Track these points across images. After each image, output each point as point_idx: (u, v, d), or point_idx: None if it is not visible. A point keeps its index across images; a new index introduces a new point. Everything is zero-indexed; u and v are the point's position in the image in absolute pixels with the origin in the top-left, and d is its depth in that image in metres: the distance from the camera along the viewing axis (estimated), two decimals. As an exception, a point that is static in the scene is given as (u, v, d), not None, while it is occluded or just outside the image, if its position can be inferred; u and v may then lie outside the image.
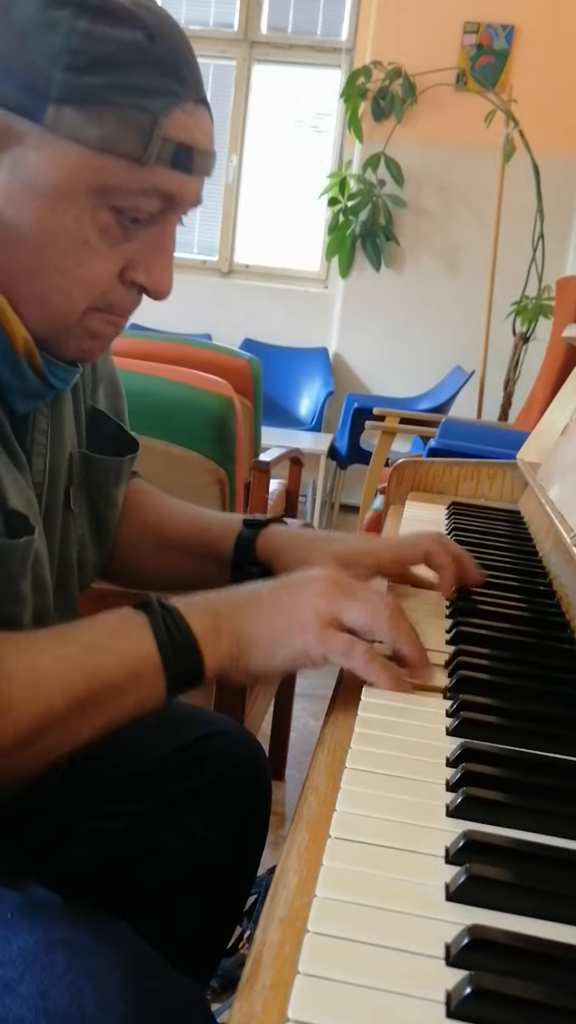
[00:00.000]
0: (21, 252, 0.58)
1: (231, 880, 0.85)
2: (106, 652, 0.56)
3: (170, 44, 0.57)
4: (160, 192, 0.59)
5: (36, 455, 0.67)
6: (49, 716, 0.54)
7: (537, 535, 1.06)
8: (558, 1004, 0.33)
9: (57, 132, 0.55)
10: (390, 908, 0.38)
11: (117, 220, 0.59)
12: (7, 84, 0.54)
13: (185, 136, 0.58)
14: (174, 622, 0.58)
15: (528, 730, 0.55)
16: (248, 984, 0.34)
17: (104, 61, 0.55)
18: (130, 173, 0.57)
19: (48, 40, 0.54)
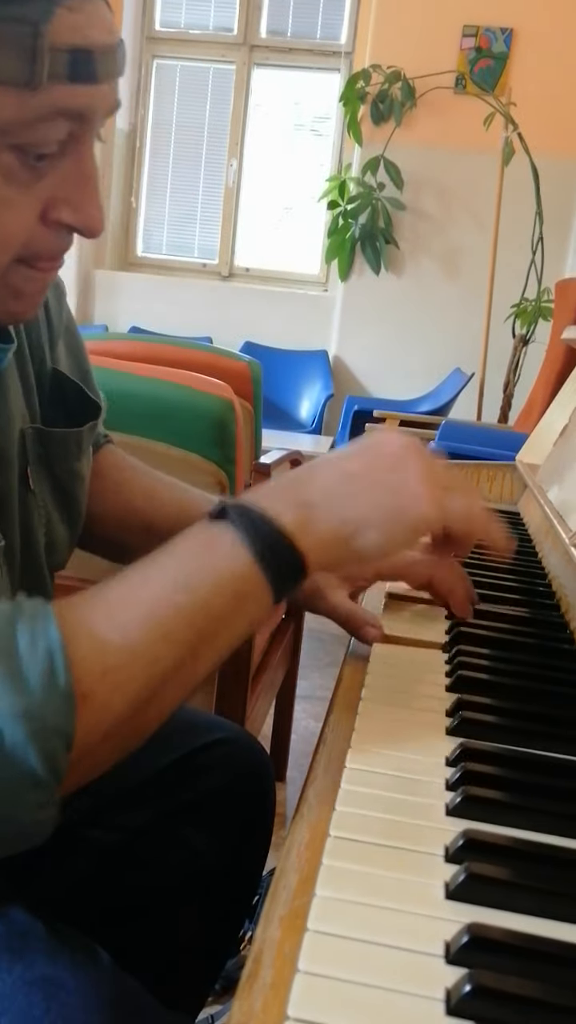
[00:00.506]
0: None
1: (232, 890, 0.84)
2: (202, 584, 0.49)
3: None
4: (63, 113, 0.49)
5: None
6: (157, 669, 0.47)
7: (536, 536, 1.06)
8: (557, 1002, 0.33)
9: None
10: (390, 906, 0.38)
11: (21, 159, 0.49)
12: None
13: (77, 38, 0.48)
14: (263, 524, 0.51)
15: (527, 730, 0.55)
16: (248, 982, 0.34)
17: None
18: (22, 101, 0.47)
19: None
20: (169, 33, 4.53)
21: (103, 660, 0.46)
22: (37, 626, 0.44)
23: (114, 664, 0.46)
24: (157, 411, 1.35)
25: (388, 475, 0.56)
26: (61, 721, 0.43)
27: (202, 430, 1.38)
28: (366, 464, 0.56)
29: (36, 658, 0.43)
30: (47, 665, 0.43)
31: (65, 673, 0.43)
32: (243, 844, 0.84)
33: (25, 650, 0.43)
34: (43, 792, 0.44)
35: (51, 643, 0.44)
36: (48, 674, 0.43)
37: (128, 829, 0.80)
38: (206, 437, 1.38)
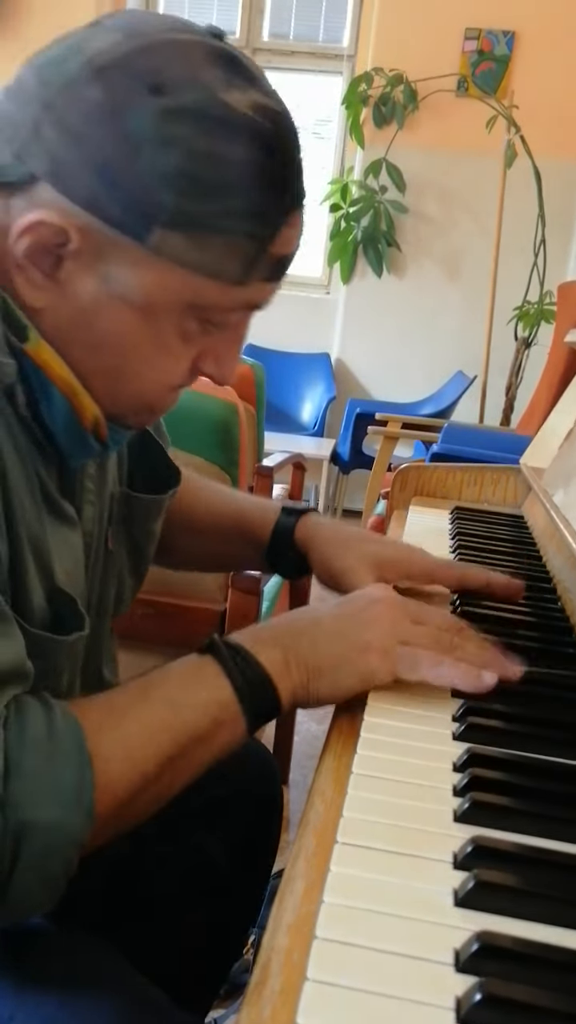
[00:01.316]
0: (100, 355, 0.57)
1: (241, 894, 0.84)
2: (188, 706, 0.55)
3: (286, 152, 0.54)
4: (250, 304, 0.58)
5: (86, 503, 0.66)
6: (144, 781, 0.53)
7: (541, 540, 1.06)
8: (569, 1011, 0.33)
9: (159, 254, 0.53)
10: (398, 914, 0.38)
11: (200, 327, 0.58)
12: (112, 199, 0.51)
13: (285, 249, 0.57)
14: (245, 662, 0.57)
15: (534, 735, 0.55)
16: (256, 990, 0.34)
17: (219, 186, 0.51)
18: (225, 292, 0.55)
19: (163, 159, 0.50)
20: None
21: (108, 772, 0.51)
22: (72, 744, 0.50)
23: (115, 775, 0.51)
24: (160, 414, 1.34)
25: (354, 629, 0.60)
26: (80, 834, 0.49)
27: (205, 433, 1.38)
28: (339, 618, 0.61)
29: (70, 774, 0.48)
30: (77, 783, 0.49)
31: (91, 793, 0.49)
32: (252, 849, 0.84)
33: (61, 765, 0.49)
34: (54, 890, 0.49)
35: (83, 763, 0.49)
36: (77, 791, 0.48)
37: (139, 835, 0.80)
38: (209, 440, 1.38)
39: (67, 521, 0.62)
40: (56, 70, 0.52)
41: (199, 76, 0.52)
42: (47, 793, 0.47)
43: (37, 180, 0.52)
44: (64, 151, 0.51)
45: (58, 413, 0.58)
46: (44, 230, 0.52)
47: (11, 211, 0.54)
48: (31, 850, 0.47)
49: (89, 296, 0.55)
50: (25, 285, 0.55)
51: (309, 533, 0.82)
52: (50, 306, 0.55)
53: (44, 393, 0.57)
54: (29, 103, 0.52)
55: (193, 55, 0.52)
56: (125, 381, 0.59)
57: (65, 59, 0.52)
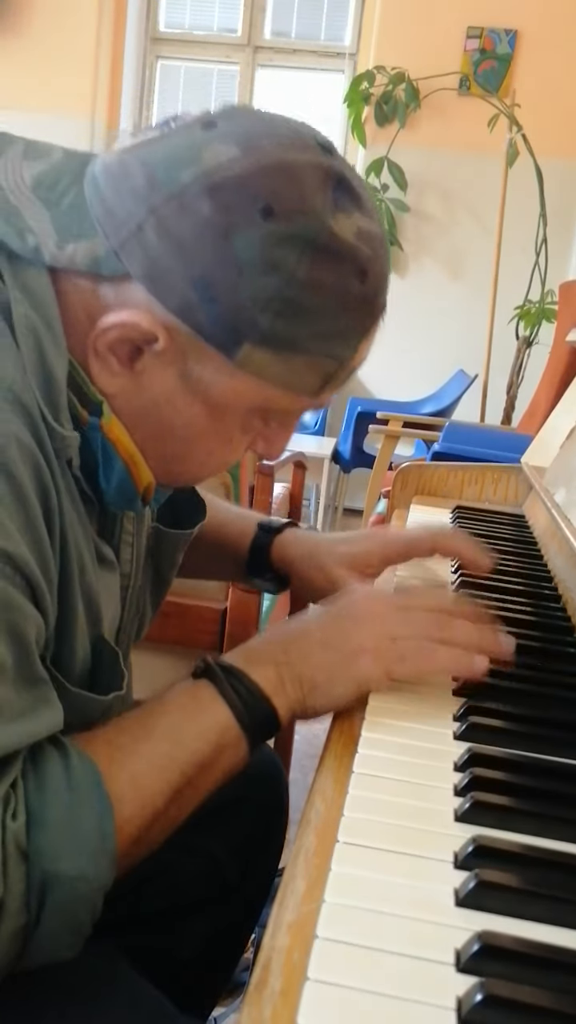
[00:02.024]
0: (165, 442, 0.58)
1: (244, 898, 0.84)
2: (190, 736, 0.55)
3: (378, 277, 0.55)
4: (315, 407, 0.60)
5: (124, 545, 0.66)
6: (154, 816, 0.53)
7: (542, 539, 1.06)
8: (570, 1011, 0.33)
9: (243, 367, 0.54)
10: (399, 914, 0.38)
11: (264, 423, 0.60)
12: (206, 312, 0.51)
13: (358, 363, 0.58)
14: (240, 683, 0.57)
15: (535, 734, 0.55)
16: (257, 990, 0.34)
17: (313, 311, 0.52)
18: (298, 402, 0.57)
19: (264, 283, 0.51)
20: (173, 34, 4.53)
21: (122, 812, 0.51)
22: (91, 791, 0.49)
23: (128, 816, 0.51)
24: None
25: (341, 636, 0.60)
26: (105, 879, 0.49)
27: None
28: (326, 626, 0.61)
29: (93, 821, 0.49)
30: (99, 829, 0.49)
31: (113, 837, 0.49)
32: (256, 852, 0.84)
33: (84, 814, 0.49)
34: (80, 936, 0.49)
35: (104, 808, 0.49)
36: (101, 837, 0.49)
37: None
38: (210, 438, 1.37)
39: (107, 565, 0.63)
40: (166, 174, 0.51)
41: (309, 202, 0.52)
42: (71, 843, 0.47)
43: (130, 279, 0.53)
44: (164, 257, 0.51)
45: (115, 478, 0.59)
46: (133, 331, 0.53)
47: (99, 299, 0.54)
48: (56, 900, 0.47)
49: (164, 389, 0.56)
50: (101, 370, 0.55)
51: (284, 552, 0.83)
52: (122, 392, 0.56)
53: (106, 460, 0.58)
54: (135, 201, 0.52)
55: (306, 178, 0.52)
56: (184, 465, 0.61)
57: (178, 164, 0.51)
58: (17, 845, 0.46)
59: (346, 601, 0.64)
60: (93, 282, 0.54)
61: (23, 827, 0.46)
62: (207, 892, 0.79)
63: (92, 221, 0.53)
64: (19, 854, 0.46)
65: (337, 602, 0.64)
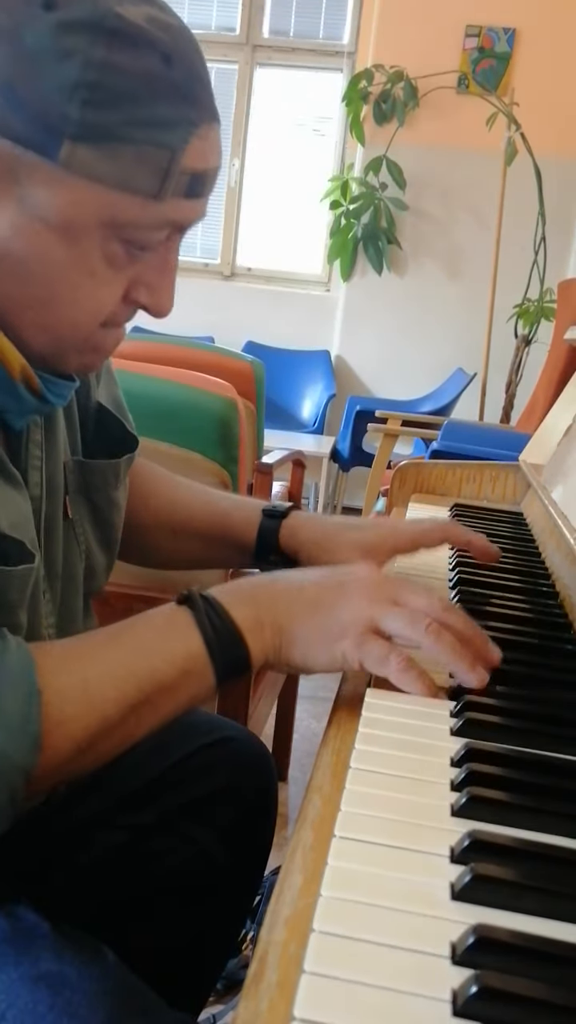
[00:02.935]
0: (26, 284, 0.57)
1: (237, 887, 0.85)
2: (155, 653, 0.56)
3: (186, 64, 0.55)
4: (172, 222, 0.58)
5: (32, 468, 0.66)
6: (104, 724, 0.53)
7: (540, 537, 1.06)
8: (564, 1003, 0.33)
9: (70, 170, 0.53)
10: (396, 907, 0.38)
11: (125, 250, 0.57)
12: (17, 116, 0.51)
13: (200, 163, 0.57)
14: (218, 616, 0.58)
15: (532, 730, 0.55)
16: (254, 983, 0.34)
17: (122, 95, 0.52)
18: (144, 208, 0.55)
19: (63, 71, 0.50)
20: (172, 33, 4.53)
21: (63, 710, 0.52)
22: (21, 674, 0.51)
23: (71, 714, 0.52)
24: (160, 411, 1.35)
25: (329, 604, 0.60)
26: (25, 761, 0.49)
27: (205, 429, 1.38)
28: (320, 587, 0.61)
29: (17, 702, 0.49)
30: (24, 711, 0.49)
31: (37, 721, 0.50)
32: (247, 841, 0.85)
33: (6, 693, 0.49)
34: (2, 817, 0.50)
35: (31, 692, 0.50)
36: (23, 718, 0.49)
37: (134, 828, 0.80)
38: (209, 436, 1.38)
39: (11, 481, 0.61)
40: None
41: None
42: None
43: None
44: None
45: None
46: None
47: None
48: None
49: (8, 222, 0.54)
50: None
51: (293, 536, 0.83)
52: None
53: None
54: None
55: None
56: (56, 310, 0.58)
57: None
58: None
59: (347, 572, 0.63)
60: None
61: None
62: (197, 881, 0.80)
63: None
64: None
65: (336, 571, 0.63)
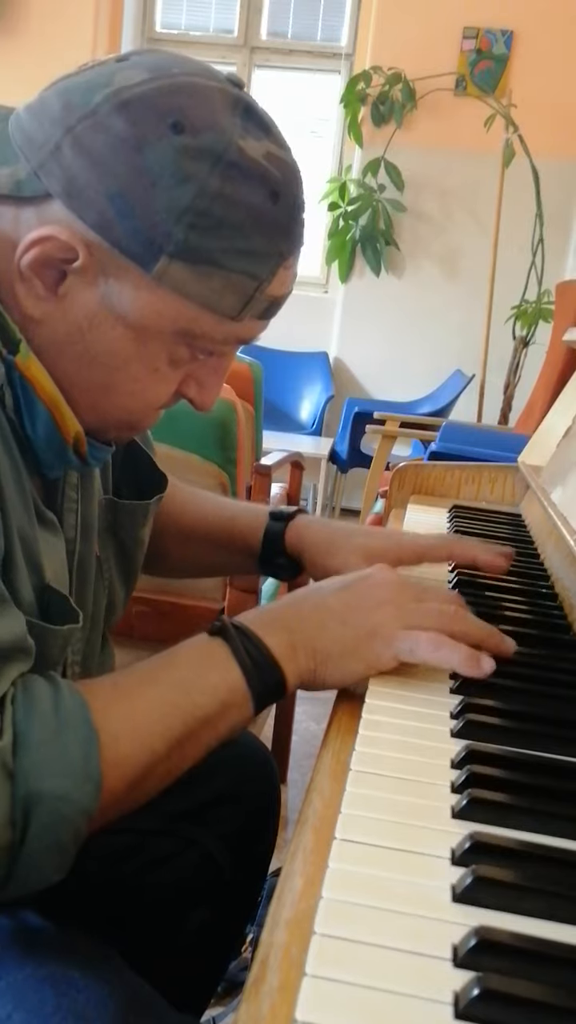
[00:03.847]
0: (91, 370, 0.59)
1: (239, 890, 0.85)
2: (197, 688, 0.57)
3: (290, 202, 0.57)
4: (240, 339, 0.61)
5: (67, 511, 0.67)
6: (153, 760, 0.54)
7: (539, 538, 1.06)
8: (566, 1005, 0.33)
9: (161, 282, 0.55)
10: (397, 910, 0.38)
11: (190, 354, 0.60)
12: (123, 225, 0.53)
13: (279, 290, 0.59)
14: (253, 646, 0.58)
15: (532, 732, 0.55)
16: (255, 986, 0.34)
17: (227, 224, 0.54)
18: (220, 326, 0.58)
19: (177, 194, 0.53)
20: (170, 35, 4.53)
21: (117, 750, 0.52)
22: (78, 717, 0.51)
23: (125, 754, 0.53)
24: (159, 412, 1.34)
25: (357, 613, 0.61)
26: (89, 804, 0.50)
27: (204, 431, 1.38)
28: (344, 600, 0.62)
29: (76, 747, 0.50)
30: (84, 754, 0.50)
31: (97, 765, 0.50)
32: (250, 843, 0.85)
33: (69, 738, 0.50)
34: (64, 859, 0.51)
35: (89, 735, 0.51)
36: (84, 763, 0.50)
37: (138, 831, 0.80)
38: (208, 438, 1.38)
39: (50, 527, 0.63)
40: (81, 97, 0.54)
41: (218, 120, 0.54)
42: (55, 764, 0.49)
43: (51, 198, 0.54)
44: (81, 173, 0.53)
45: (41, 426, 0.59)
46: (52, 245, 0.54)
47: (20, 225, 0.56)
48: (40, 820, 0.48)
49: (88, 312, 0.57)
50: (27, 296, 0.56)
51: (299, 538, 0.84)
52: (48, 318, 0.57)
53: (28, 406, 0.58)
54: (52, 125, 0.54)
55: (214, 100, 0.55)
56: (112, 397, 0.61)
57: (91, 89, 0.54)
58: (3, 764, 0.48)
59: (365, 581, 0.64)
60: (16, 206, 0.56)
61: (9, 746, 0.48)
62: (201, 884, 0.80)
63: (14, 149, 0.55)
64: (5, 772, 0.48)
65: (356, 580, 0.65)
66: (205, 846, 0.81)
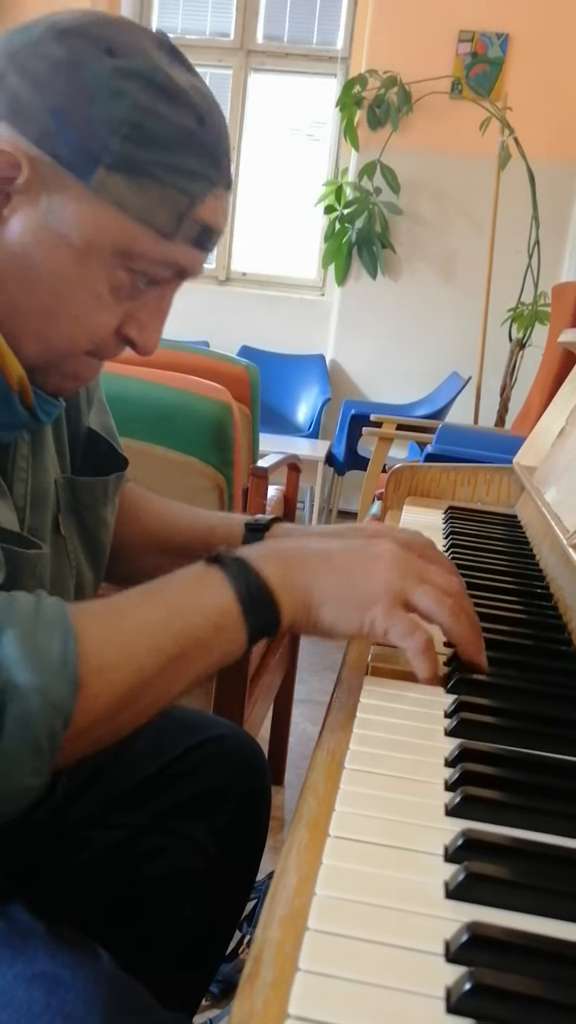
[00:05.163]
0: (36, 292, 0.60)
1: (231, 883, 0.85)
2: (189, 608, 0.57)
3: (216, 131, 0.61)
4: (176, 265, 0.62)
5: (17, 480, 0.68)
6: (141, 675, 0.53)
7: (534, 538, 1.07)
8: (556, 999, 0.33)
9: (100, 194, 0.58)
10: (390, 906, 0.39)
11: (130, 280, 0.62)
12: (63, 138, 0.56)
13: (210, 219, 0.62)
14: (250, 573, 0.58)
15: (526, 730, 0.56)
16: (249, 982, 0.34)
17: (158, 139, 0.58)
18: (156, 244, 0.60)
19: (112, 108, 0.56)
20: (166, 38, 4.54)
21: (101, 657, 0.52)
22: (56, 616, 0.51)
23: (110, 662, 0.52)
24: (155, 414, 1.35)
25: (361, 571, 0.61)
26: (65, 701, 0.49)
27: (200, 433, 1.38)
28: (349, 553, 0.62)
29: (53, 643, 0.50)
30: (61, 651, 0.50)
31: (74, 662, 0.50)
32: (241, 836, 0.85)
33: (44, 635, 0.50)
34: (39, 759, 0.49)
35: (66, 633, 0.51)
36: (61, 659, 0.50)
37: (129, 827, 0.81)
38: (204, 440, 1.38)
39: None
40: (22, 33, 0.59)
41: (147, 50, 0.59)
42: (31, 658, 0.49)
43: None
44: (24, 94, 0.57)
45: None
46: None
47: None
48: (13, 713, 0.48)
49: (31, 231, 0.59)
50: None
51: None
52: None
53: None
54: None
55: (143, 37, 0.60)
56: (56, 322, 0.62)
57: (31, 26, 0.59)
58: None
59: (373, 544, 0.64)
60: None
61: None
62: (193, 877, 0.80)
63: None
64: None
65: (362, 542, 0.64)
66: (197, 840, 0.81)
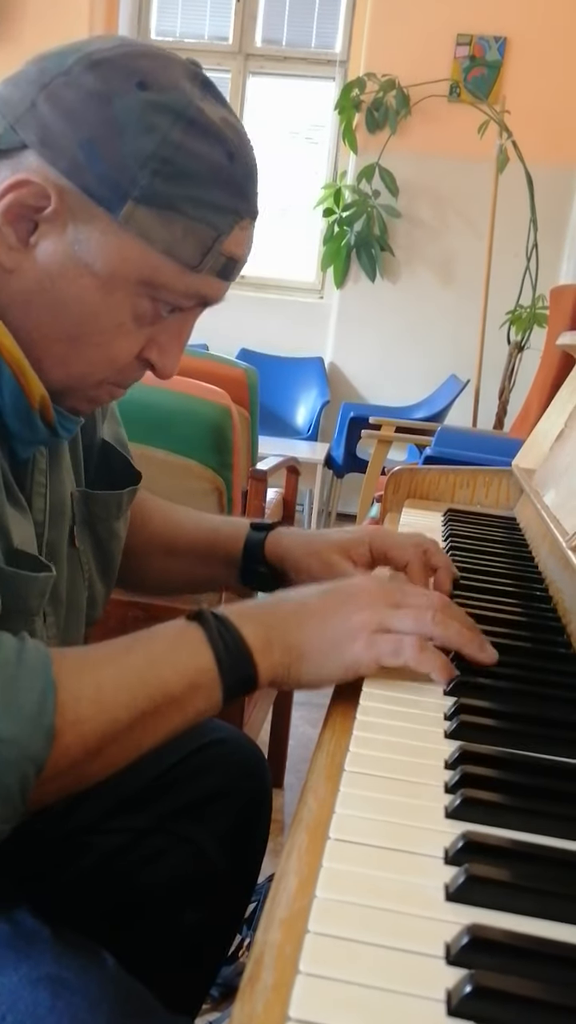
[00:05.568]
0: (60, 319, 0.61)
1: (232, 886, 0.85)
2: (166, 665, 0.57)
3: (245, 165, 0.62)
4: (199, 296, 0.63)
5: (36, 495, 0.69)
6: (114, 728, 0.54)
7: (533, 541, 1.07)
8: (557, 1002, 0.33)
9: (127, 226, 0.58)
10: (390, 908, 0.39)
11: (153, 308, 0.62)
12: (92, 170, 0.57)
13: (236, 251, 0.63)
14: (228, 633, 0.59)
15: (525, 733, 0.56)
16: (249, 985, 0.34)
17: (188, 174, 0.58)
18: (181, 276, 0.61)
19: (143, 142, 0.57)
20: (165, 42, 4.54)
21: (77, 710, 0.52)
22: (37, 665, 0.51)
23: (85, 715, 0.52)
24: (155, 418, 1.35)
25: (336, 614, 0.61)
26: (37, 752, 0.50)
27: (199, 436, 1.38)
28: (324, 598, 0.63)
29: (33, 693, 0.50)
30: (39, 702, 0.50)
31: (51, 713, 0.50)
32: (243, 840, 0.85)
33: (24, 683, 0.50)
34: (10, 808, 0.49)
35: (47, 684, 0.51)
36: (39, 710, 0.50)
37: (131, 831, 0.81)
38: (203, 443, 1.38)
39: (17, 505, 0.64)
40: (55, 61, 0.59)
41: (179, 84, 0.59)
42: (7, 709, 0.49)
43: (25, 149, 0.58)
44: (55, 124, 0.57)
45: (7, 390, 0.61)
46: (27, 191, 0.57)
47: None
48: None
49: (57, 260, 0.59)
50: (0, 246, 0.59)
51: (279, 543, 0.85)
52: (19, 268, 0.59)
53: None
54: (28, 85, 0.58)
55: (176, 69, 0.60)
56: (80, 349, 0.62)
57: (64, 54, 0.59)
58: None
59: (346, 584, 0.65)
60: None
61: None
62: (194, 881, 0.80)
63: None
64: None
65: (336, 585, 0.65)
66: (198, 843, 0.81)
